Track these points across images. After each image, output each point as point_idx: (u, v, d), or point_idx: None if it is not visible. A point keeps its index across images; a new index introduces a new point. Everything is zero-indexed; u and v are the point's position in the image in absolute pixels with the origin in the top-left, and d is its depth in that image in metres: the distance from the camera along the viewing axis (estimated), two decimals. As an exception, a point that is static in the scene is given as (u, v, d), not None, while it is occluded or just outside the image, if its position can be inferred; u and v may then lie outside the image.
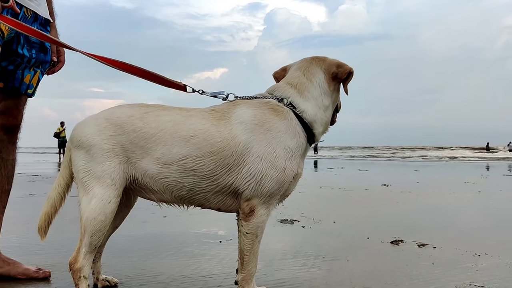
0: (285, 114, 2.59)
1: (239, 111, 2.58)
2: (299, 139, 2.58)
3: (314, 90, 2.69)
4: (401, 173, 19.07)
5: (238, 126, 2.51)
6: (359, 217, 6.39)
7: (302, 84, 2.71)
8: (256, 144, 2.47)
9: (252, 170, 2.46)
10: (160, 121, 2.55)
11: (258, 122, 2.52)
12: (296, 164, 2.56)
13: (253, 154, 2.46)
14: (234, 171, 2.48)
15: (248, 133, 2.49)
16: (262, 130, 2.50)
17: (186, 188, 2.54)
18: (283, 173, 2.49)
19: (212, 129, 2.51)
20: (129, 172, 2.53)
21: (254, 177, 2.46)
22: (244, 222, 2.55)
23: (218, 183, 2.51)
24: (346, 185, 11.10)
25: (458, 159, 41.32)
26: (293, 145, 2.54)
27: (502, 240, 4.69)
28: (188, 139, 2.48)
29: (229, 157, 2.46)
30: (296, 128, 2.59)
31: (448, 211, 6.98)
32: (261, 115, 2.55)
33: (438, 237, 4.73)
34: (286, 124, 2.56)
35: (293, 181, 2.61)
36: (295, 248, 4.23)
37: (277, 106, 2.62)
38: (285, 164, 2.50)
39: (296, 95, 2.67)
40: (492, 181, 14.23)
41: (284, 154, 2.50)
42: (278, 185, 2.49)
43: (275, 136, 2.50)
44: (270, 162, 2.46)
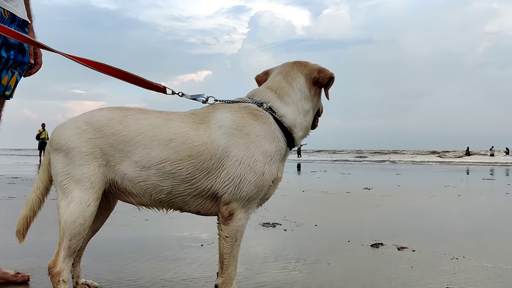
0: (264, 119, 2.60)
1: (218, 115, 2.59)
2: (279, 144, 2.60)
3: (295, 94, 2.71)
4: (383, 176, 19.27)
5: (217, 130, 2.52)
6: (340, 220, 6.45)
7: (282, 88, 2.72)
8: (235, 148, 2.48)
9: (230, 174, 2.47)
10: (140, 124, 2.54)
11: (237, 126, 2.53)
12: (275, 168, 2.58)
13: (231, 158, 2.47)
14: (213, 175, 2.49)
15: (227, 137, 2.50)
16: (241, 134, 2.51)
17: (165, 191, 2.54)
18: (262, 177, 2.50)
19: (191, 132, 2.52)
20: (108, 175, 2.52)
21: (232, 181, 2.47)
22: (223, 226, 2.56)
23: (197, 187, 2.51)
24: (328, 189, 11.17)
25: (439, 163, 41.86)
26: (272, 149, 2.56)
27: (480, 243, 4.77)
28: (167, 143, 2.49)
29: (208, 160, 2.47)
30: (275, 132, 2.60)
31: (428, 214, 7.08)
32: (240, 119, 2.56)
33: (417, 240, 4.79)
34: (265, 129, 2.57)
35: (273, 185, 2.63)
36: (276, 251, 4.25)
37: (256, 110, 2.63)
38: (264, 168, 2.51)
39: (276, 99, 2.69)
40: (472, 185, 14.45)
41: (263, 158, 2.51)
42: (257, 189, 2.51)
43: (254, 140, 2.51)
44: (249, 166, 2.47)
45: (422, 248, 4.40)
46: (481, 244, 4.73)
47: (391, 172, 23.09)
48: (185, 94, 2.83)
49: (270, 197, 2.71)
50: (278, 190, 2.78)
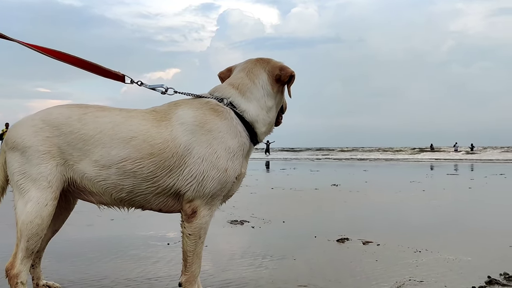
0: (225, 114, 2.59)
1: (180, 112, 2.56)
2: (241, 139, 2.59)
3: (257, 91, 2.70)
4: (350, 173, 19.53)
5: (179, 128, 2.49)
6: (308, 216, 6.51)
7: (244, 85, 2.71)
8: (197, 145, 2.47)
9: (193, 171, 2.45)
10: (99, 122, 2.50)
11: (199, 123, 2.51)
12: (238, 164, 2.57)
13: (194, 156, 2.45)
14: (175, 173, 2.47)
15: (189, 135, 2.48)
16: (203, 131, 2.49)
17: (126, 190, 2.50)
18: (225, 174, 2.50)
19: (152, 130, 2.48)
20: (67, 175, 2.47)
21: (195, 178, 2.46)
22: (186, 224, 2.54)
23: (159, 185, 2.49)
24: (297, 186, 11.24)
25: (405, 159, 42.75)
26: (235, 145, 2.55)
27: (442, 236, 4.90)
28: (128, 141, 2.45)
29: (169, 158, 2.45)
30: (237, 127, 2.59)
31: (393, 209, 7.22)
32: (202, 116, 2.54)
33: (382, 234, 4.88)
34: (227, 124, 2.56)
35: (236, 182, 2.62)
36: (243, 249, 4.25)
37: (217, 106, 2.61)
38: (227, 165, 2.50)
39: (237, 95, 2.67)
40: (436, 180, 14.81)
41: (225, 155, 2.50)
42: (220, 185, 2.50)
43: (216, 136, 2.50)
44: (212, 162, 2.46)
45: (387, 242, 4.48)
46: (443, 237, 4.85)
47: (359, 169, 23.43)
48: (144, 84, 2.79)
49: (234, 193, 2.71)
50: (247, 188, 2.80)
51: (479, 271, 3.44)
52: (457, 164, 29.22)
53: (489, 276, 3.26)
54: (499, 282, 3.19)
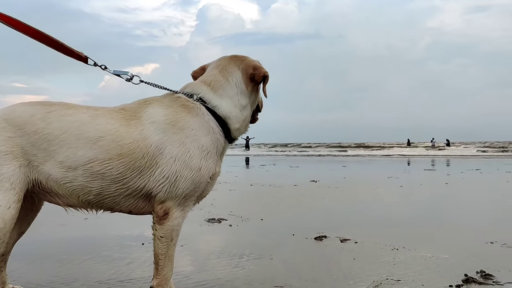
0: (196, 110, 2.51)
1: (150, 111, 2.48)
2: (214, 135, 2.51)
3: (230, 89, 2.63)
4: (329, 169, 19.59)
5: (150, 126, 2.41)
6: (286, 214, 6.46)
7: (217, 82, 2.64)
8: (169, 144, 2.38)
9: (165, 172, 2.37)
10: (65, 121, 2.39)
11: (170, 121, 2.43)
12: (212, 162, 2.49)
13: (166, 155, 2.37)
14: (146, 174, 2.38)
15: (160, 134, 2.40)
16: (175, 129, 2.41)
17: (93, 192, 2.41)
18: (199, 173, 2.42)
19: (121, 129, 2.39)
20: (31, 176, 2.36)
21: (168, 179, 2.38)
22: (158, 226, 2.46)
23: (129, 187, 2.40)
24: (276, 182, 11.20)
25: (384, 155, 43.16)
26: (208, 142, 2.48)
27: (420, 233, 4.90)
28: (95, 141, 2.36)
29: (140, 159, 2.36)
30: (209, 123, 2.51)
31: (371, 206, 7.23)
32: (173, 114, 2.46)
33: (360, 232, 4.85)
34: (199, 121, 2.49)
35: (211, 181, 2.55)
36: (220, 248, 4.18)
37: (187, 102, 2.54)
38: (201, 164, 2.43)
39: (209, 91, 2.60)
40: (413, 175, 14.96)
41: (198, 153, 2.43)
42: (193, 185, 2.42)
43: (189, 134, 2.43)
44: (185, 162, 2.38)
45: (364, 240, 4.46)
46: (420, 234, 4.86)
47: (337, 164, 23.56)
48: (107, 68, 2.70)
49: (208, 194, 2.63)
50: (226, 185, 2.75)
51: (456, 269, 3.43)
52: (433, 160, 29.63)
53: (466, 274, 3.26)
54: (475, 280, 3.19)
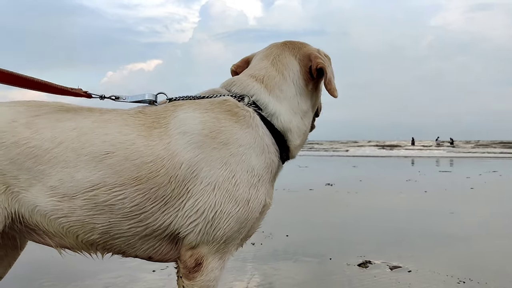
0: (248, 120, 1.82)
1: (181, 116, 1.78)
2: (269, 156, 1.82)
3: (288, 88, 1.94)
4: (340, 169, 18.88)
5: (180, 139, 1.72)
6: (313, 228, 5.69)
7: (271, 78, 1.94)
8: (207, 165, 1.69)
9: (200, 204, 1.67)
10: (59, 129, 1.71)
11: (209, 132, 1.74)
12: (264, 192, 1.79)
13: (202, 181, 1.68)
14: (172, 206, 1.69)
15: (195, 149, 1.70)
16: (216, 144, 1.72)
17: (98, 230, 1.72)
18: (247, 207, 1.72)
19: (139, 142, 1.70)
20: (9, 207, 1.68)
21: (203, 214, 1.68)
22: (186, 281, 1.74)
23: (148, 224, 1.70)
24: (289, 185, 10.45)
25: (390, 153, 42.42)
26: (261, 165, 1.78)
27: (481, 258, 4.15)
28: (101, 158, 1.67)
29: (164, 185, 1.67)
30: (264, 139, 1.82)
31: (406, 217, 6.46)
32: (214, 121, 1.77)
33: (409, 255, 4.12)
34: (250, 134, 1.79)
35: (260, 216, 1.84)
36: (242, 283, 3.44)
37: (236, 107, 1.84)
38: (250, 194, 1.72)
39: (263, 92, 1.91)
40: (431, 178, 14.19)
41: (247, 179, 1.72)
42: (239, 225, 1.71)
43: (235, 152, 1.73)
44: (228, 191, 1.69)
45: (419, 267, 3.73)
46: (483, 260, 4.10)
47: (347, 164, 22.79)
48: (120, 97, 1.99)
49: (254, 233, 1.91)
50: None
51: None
52: (444, 160, 28.86)
53: None
54: None
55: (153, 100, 1.94)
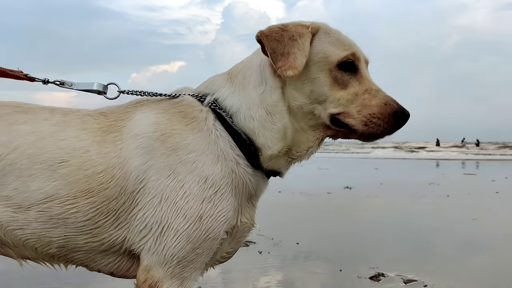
0: (199, 122, 1.59)
1: (137, 117, 1.60)
2: (226, 164, 1.56)
3: (252, 77, 1.65)
4: (362, 172, 18.47)
5: (131, 143, 1.54)
6: (325, 236, 5.41)
7: (238, 69, 1.70)
8: (155, 173, 1.50)
9: (148, 219, 1.49)
10: (14, 132, 1.55)
11: (160, 135, 1.55)
12: (227, 209, 1.53)
13: (149, 191, 1.50)
14: (124, 221, 1.52)
15: (144, 155, 1.52)
16: (165, 149, 1.53)
17: (55, 244, 1.56)
18: (199, 225, 1.48)
19: (92, 149, 1.53)
20: None
21: (151, 230, 1.49)
22: None
23: (103, 240, 1.54)
24: (307, 188, 10.22)
25: (414, 155, 41.69)
26: (216, 174, 1.53)
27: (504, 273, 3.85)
28: (56, 167, 1.51)
29: (115, 198, 1.50)
30: (218, 144, 1.57)
31: (424, 225, 6.13)
32: (167, 123, 1.58)
33: (424, 267, 3.86)
34: (202, 139, 1.56)
35: (230, 238, 1.61)
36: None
37: (190, 107, 1.63)
38: (202, 209, 1.49)
39: (226, 86, 1.67)
40: (455, 181, 13.74)
41: (199, 191, 1.50)
42: (191, 244, 1.49)
43: (184, 159, 1.52)
44: (176, 205, 1.48)
45: (435, 281, 3.45)
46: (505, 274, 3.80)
47: (369, 166, 22.35)
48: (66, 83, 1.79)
49: (232, 255, 1.69)
50: None
51: None
52: (470, 162, 28.11)
53: None
54: None
55: (102, 90, 1.75)
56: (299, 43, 1.54)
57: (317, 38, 1.60)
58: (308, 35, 1.57)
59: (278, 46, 1.54)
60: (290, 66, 1.51)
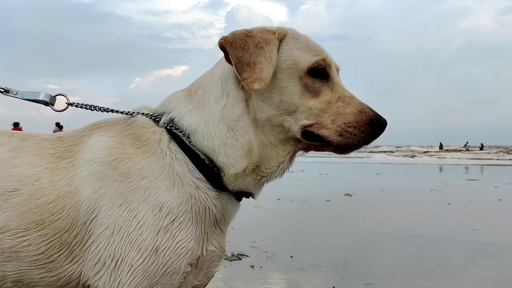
0: (152, 144, 1.45)
1: (92, 141, 1.47)
2: (184, 189, 1.41)
3: (213, 90, 1.50)
4: (363, 177, 18.31)
5: (83, 170, 1.41)
6: (321, 248, 5.26)
7: (199, 83, 1.56)
8: (107, 202, 1.37)
9: (101, 252, 1.36)
10: None
11: (111, 160, 1.41)
12: (186, 237, 1.38)
13: (101, 222, 1.36)
14: (78, 255, 1.38)
15: (95, 182, 1.39)
16: (116, 175, 1.39)
17: (10, 278, 1.41)
18: (155, 258, 1.34)
19: (44, 177, 1.40)
20: None
21: (105, 265, 1.36)
22: None
23: (59, 275, 1.40)
24: (306, 195, 10.10)
25: (416, 160, 41.44)
26: (173, 201, 1.38)
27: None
28: (7, 197, 1.38)
29: (68, 230, 1.37)
30: (174, 168, 1.42)
31: (423, 236, 5.97)
32: (118, 147, 1.44)
33: (419, 284, 3.71)
34: (156, 163, 1.42)
35: (196, 270, 1.46)
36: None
37: (142, 129, 1.49)
38: (158, 240, 1.35)
39: (184, 103, 1.52)
40: (457, 188, 13.57)
41: (154, 221, 1.36)
42: (148, 280, 1.35)
43: (137, 186, 1.38)
44: (129, 236, 1.34)
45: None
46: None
47: (370, 172, 22.18)
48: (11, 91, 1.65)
49: (206, 285, 1.56)
50: (251, 201, 1.62)
51: None
52: (477, 167, 27.90)
53: None
54: None
55: (49, 102, 1.62)
56: (265, 51, 1.41)
57: (284, 44, 1.48)
58: (275, 41, 1.44)
59: (244, 55, 1.39)
60: (256, 78, 1.36)
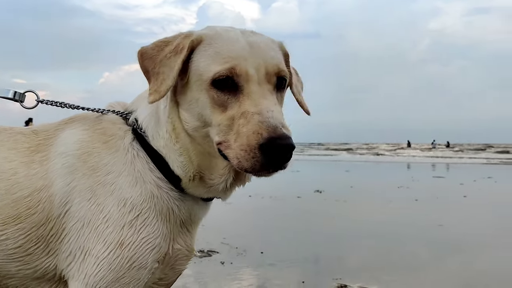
0: (117, 141, 1.46)
1: (65, 134, 1.48)
2: (146, 187, 1.40)
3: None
4: (333, 174, 18.54)
5: (57, 162, 1.42)
6: (291, 244, 5.29)
7: None
8: (78, 196, 1.38)
9: (72, 244, 1.38)
10: None
11: (82, 153, 1.43)
12: (152, 234, 1.38)
13: (73, 215, 1.38)
14: (54, 248, 1.40)
15: (67, 175, 1.40)
16: (86, 169, 1.41)
17: None
18: (119, 252, 1.34)
19: (20, 171, 1.42)
20: None
21: (75, 257, 1.38)
22: None
23: (36, 267, 1.42)
24: (277, 192, 10.12)
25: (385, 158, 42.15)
26: (136, 198, 1.38)
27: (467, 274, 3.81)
28: None
29: (43, 224, 1.38)
30: (135, 165, 1.42)
31: (390, 232, 6.07)
32: (88, 141, 1.46)
33: (388, 278, 3.79)
34: (119, 160, 1.42)
35: (163, 267, 1.45)
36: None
37: (111, 124, 1.50)
38: (123, 235, 1.35)
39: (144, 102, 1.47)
40: (424, 185, 13.86)
41: (119, 216, 1.36)
42: (113, 274, 1.34)
43: (103, 181, 1.39)
44: (97, 230, 1.36)
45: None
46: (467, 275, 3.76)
47: (340, 169, 22.45)
48: None
49: (172, 282, 1.55)
50: None
51: None
52: (440, 164, 28.56)
53: None
54: None
55: (19, 99, 1.60)
56: (171, 61, 1.35)
57: (197, 51, 1.38)
58: (183, 50, 1.35)
59: (150, 65, 1.37)
60: (155, 90, 1.34)
